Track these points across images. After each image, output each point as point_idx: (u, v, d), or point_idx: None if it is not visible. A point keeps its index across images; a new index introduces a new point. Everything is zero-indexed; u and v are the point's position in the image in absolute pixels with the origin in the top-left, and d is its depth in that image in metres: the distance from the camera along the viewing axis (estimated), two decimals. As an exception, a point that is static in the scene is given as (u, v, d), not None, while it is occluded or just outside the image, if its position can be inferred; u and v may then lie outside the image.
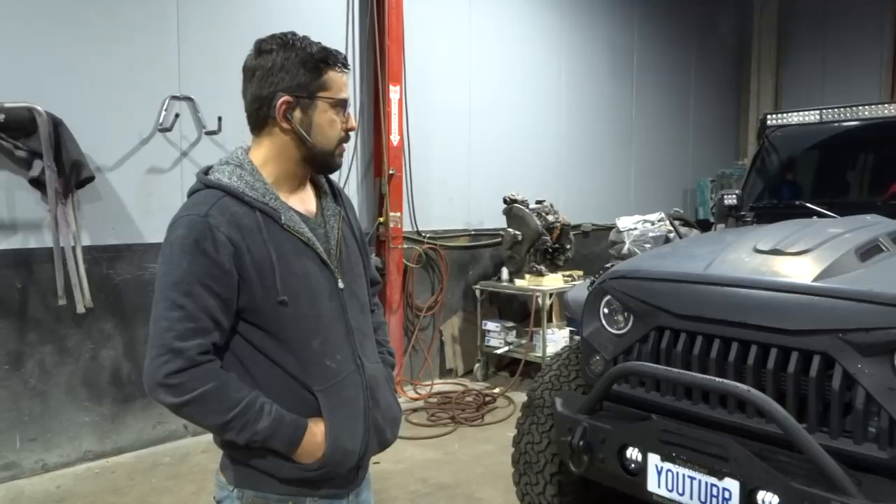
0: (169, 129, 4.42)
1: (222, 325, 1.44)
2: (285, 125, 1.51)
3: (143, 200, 4.38)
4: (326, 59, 1.51)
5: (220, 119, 4.56)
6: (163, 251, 1.46)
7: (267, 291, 1.45)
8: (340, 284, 1.57)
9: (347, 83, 1.57)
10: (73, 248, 3.95)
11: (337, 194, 1.71)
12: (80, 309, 3.98)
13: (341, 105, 1.54)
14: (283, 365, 1.49)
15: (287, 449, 1.46)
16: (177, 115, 4.46)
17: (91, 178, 4.00)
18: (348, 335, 1.58)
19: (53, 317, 4.02)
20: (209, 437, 4.98)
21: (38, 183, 3.85)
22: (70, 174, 3.89)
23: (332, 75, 1.52)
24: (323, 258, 1.54)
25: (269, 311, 1.46)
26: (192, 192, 1.54)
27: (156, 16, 4.37)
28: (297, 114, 1.51)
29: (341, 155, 1.59)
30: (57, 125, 3.85)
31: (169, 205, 4.47)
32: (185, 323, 1.39)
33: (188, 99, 4.52)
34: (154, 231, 4.41)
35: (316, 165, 1.58)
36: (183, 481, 3.94)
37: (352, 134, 1.61)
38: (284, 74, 1.50)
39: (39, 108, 3.78)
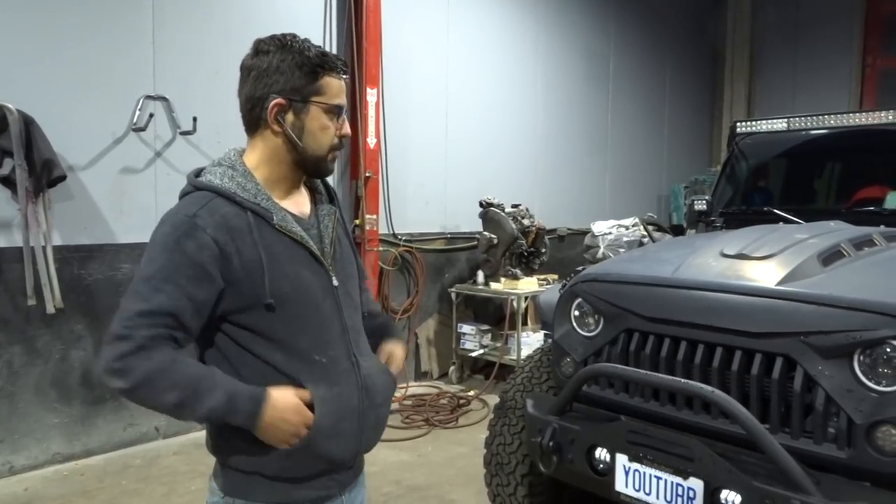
0: (143, 129, 4.39)
1: (186, 326, 1.41)
2: (276, 128, 1.52)
3: (116, 200, 4.34)
4: (324, 63, 1.50)
5: (195, 119, 4.54)
6: (148, 246, 1.46)
7: (255, 293, 1.44)
8: (335, 282, 1.57)
9: (344, 89, 1.55)
10: (44, 248, 3.91)
11: (333, 196, 1.71)
12: (51, 309, 3.94)
13: (335, 111, 1.53)
14: (271, 362, 1.47)
15: (250, 421, 1.41)
16: (151, 115, 4.43)
17: (63, 178, 3.95)
18: (343, 333, 1.57)
19: (23, 317, 3.97)
20: (180, 439, 4.94)
21: (8, 181, 3.80)
22: (41, 173, 3.84)
23: (329, 80, 1.51)
24: (316, 255, 1.53)
25: (256, 313, 1.45)
26: (182, 195, 1.53)
27: (131, 14, 4.34)
28: (290, 117, 1.51)
29: (334, 160, 1.58)
30: (28, 123, 3.81)
31: (142, 205, 4.44)
32: (143, 316, 1.36)
33: (163, 99, 4.49)
34: (127, 231, 4.37)
35: (307, 170, 1.57)
36: (153, 483, 3.91)
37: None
38: (279, 76, 1.50)
39: (10, 105, 3.74)
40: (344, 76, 1.54)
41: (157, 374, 1.36)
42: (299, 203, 1.60)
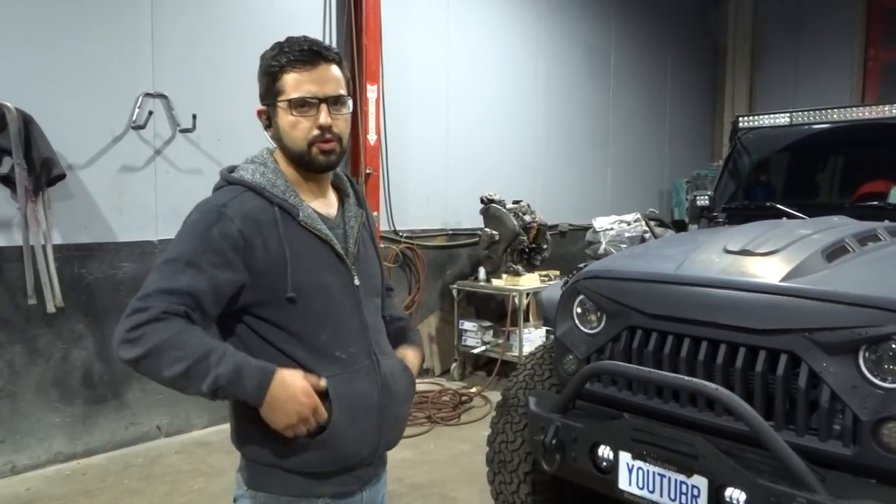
0: (142, 127, 4.38)
1: (205, 309, 1.43)
2: (269, 133, 1.59)
3: (116, 199, 4.33)
4: (280, 61, 1.51)
5: (194, 117, 4.52)
6: (176, 234, 1.50)
7: (277, 286, 1.47)
8: (356, 281, 1.59)
9: (309, 79, 1.51)
10: (44, 247, 3.90)
11: (362, 199, 1.74)
12: (51, 308, 3.93)
13: (298, 104, 1.51)
14: (291, 355, 1.50)
15: (256, 394, 1.39)
16: (150, 113, 4.41)
17: (62, 176, 3.94)
18: (363, 331, 1.59)
19: (23, 316, 3.96)
20: (182, 438, 4.94)
21: (7, 181, 3.79)
22: (40, 172, 3.83)
23: (287, 77, 1.51)
24: (339, 253, 1.56)
25: (277, 306, 1.48)
26: (216, 189, 1.58)
27: (129, 12, 4.32)
28: (272, 121, 1.56)
29: (326, 153, 1.54)
30: (27, 122, 3.80)
31: (142, 203, 4.43)
32: (162, 293, 1.39)
33: (162, 96, 4.48)
34: (127, 230, 4.36)
35: (300, 166, 1.57)
36: (155, 483, 3.91)
37: (338, 130, 1.55)
38: (259, 85, 1.58)
39: (9, 104, 3.72)
40: (310, 65, 1.51)
41: (168, 343, 1.36)
42: (326, 203, 1.63)
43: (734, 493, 2.05)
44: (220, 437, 4.59)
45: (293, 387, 1.42)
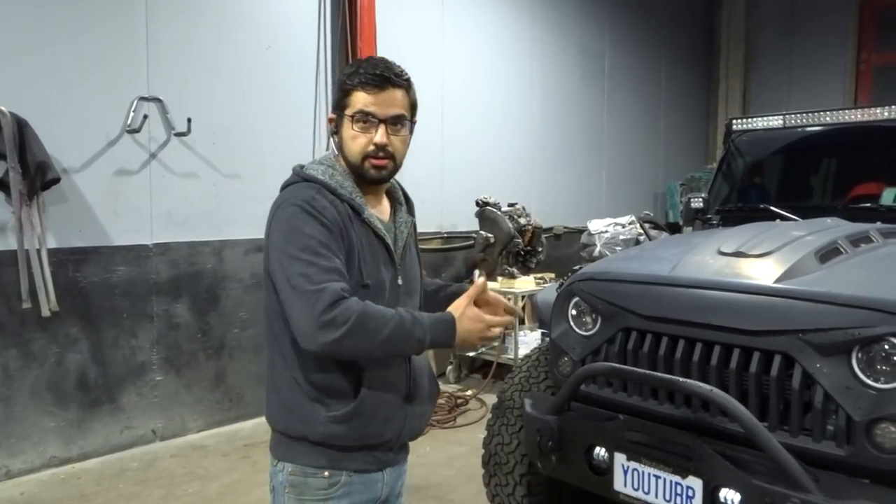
0: (137, 131, 4.37)
1: (348, 282, 1.55)
2: (334, 140, 1.74)
3: (111, 202, 4.32)
4: (353, 77, 1.65)
5: (189, 120, 4.52)
6: (277, 228, 1.59)
7: (353, 272, 1.60)
8: (399, 281, 1.73)
9: (377, 100, 1.64)
10: (38, 251, 3.89)
11: (412, 207, 1.89)
12: (46, 312, 3.92)
13: (361, 119, 1.64)
14: None
15: (449, 340, 1.59)
16: (145, 117, 4.41)
17: (57, 180, 3.93)
18: None
19: (18, 320, 3.95)
20: (177, 441, 4.92)
21: (1, 184, 3.78)
22: (35, 176, 3.82)
23: (357, 94, 1.64)
24: (391, 251, 1.71)
25: (350, 291, 1.57)
26: (287, 185, 1.70)
27: (124, 15, 4.32)
28: (339, 130, 1.70)
29: (377, 168, 1.67)
30: (22, 126, 3.79)
31: (137, 207, 4.42)
32: (324, 272, 1.51)
33: (157, 100, 4.47)
34: (121, 234, 4.35)
35: (356, 175, 1.69)
36: (151, 486, 3.90)
37: (393, 149, 1.68)
38: (333, 96, 1.77)
39: (3, 108, 3.72)
40: (378, 88, 1.64)
41: (364, 318, 1.49)
42: (381, 210, 1.77)
43: (729, 494, 2.06)
44: (215, 441, 4.59)
45: (467, 322, 1.61)
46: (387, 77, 1.66)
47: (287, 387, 1.63)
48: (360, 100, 1.64)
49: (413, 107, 1.74)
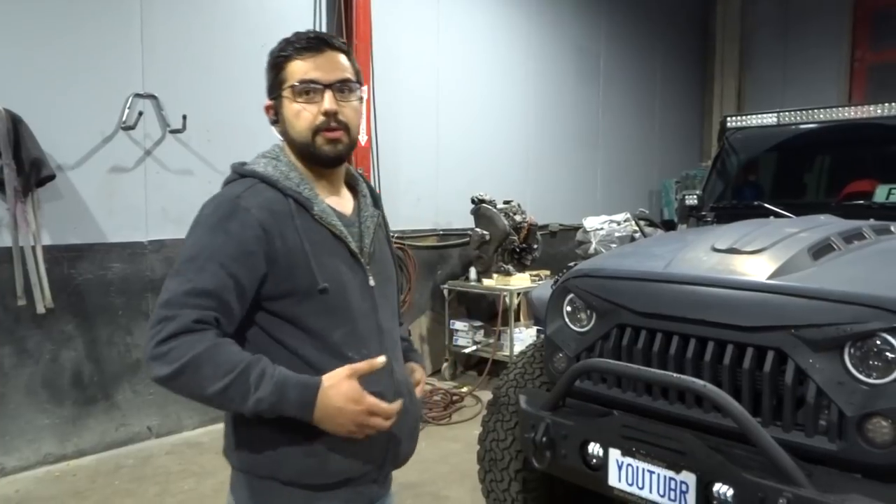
0: (132, 128, 4.37)
1: (230, 309, 1.37)
2: (277, 129, 1.54)
3: (106, 200, 4.32)
4: (285, 50, 1.48)
5: (184, 117, 4.52)
6: (189, 231, 1.44)
7: (297, 280, 1.40)
8: (371, 282, 1.54)
9: (315, 66, 1.46)
10: (33, 248, 3.89)
11: (377, 199, 1.68)
12: (41, 309, 3.92)
13: (303, 90, 1.45)
14: (301, 355, 1.42)
15: (302, 415, 1.34)
16: (140, 113, 4.40)
17: (51, 177, 3.93)
18: (379, 334, 1.53)
19: (12, 317, 3.94)
20: (172, 438, 4.92)
21: (-4, 181, 3.78)
22: (30, 172, 3.81)
23: (292, 64, 1.47)
24: (353, 252, 1.50)
25: (292, 300, 1.41)
26: (226, 183, 1.53)
27: (118, 11, 4.31)
28: (279, 115, 1.52)
29: (332, 142, 1.48)
30: (16, 122, 3.78)
31: (132, 204, 4.42)
32: (188, 296, 1.33)
33: (152, 97, 4.47)
34: (117, 230, 4.35)
35: (307, 160, 1.52)
36: (146, 483, 3.90)
37: (345, 118, 1.49)
38: (266, 81, 1.54)
39: (-2, 104, 3.71)
40: (315, 52, 1.47)
41: (203, 358, 1.29)
42: (341, 202, 1.58)
43: (722, 489, 2.07)
44: (210, 438, 4.58)
45: (337, 397, 1.34)
46: (322, 39, 1.49)
47: (253, 418, 1.37)
48: (299, 69, 1.46)
49: (358, 74, 1.54)
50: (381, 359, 1.41)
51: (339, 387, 1.35)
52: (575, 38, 7.97)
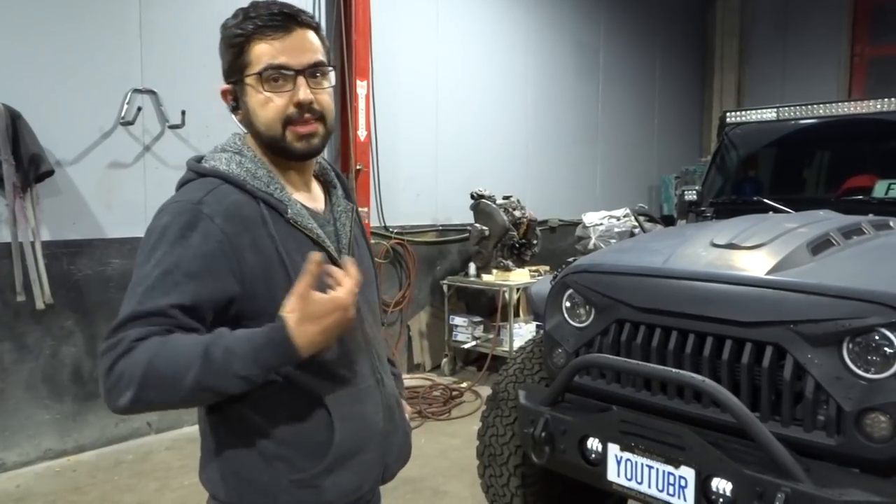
0: (131, 123, 4.36)
1: (186, 328, 1.19)
2: (237, 117, 1.36)
3: (105, 195, 4.31)
4: (246, 28, 1.28)
5: (183, 113, 4.51)
6: (142, 241, 1.25)
7: (276, 295, 1.20)
8: None
9: (292, 46, 1.28)
10: (32, 244, 3.89)
11: (349, 191, 1.52)
12: (40, 305, 3.92)
13: (272, 76, 1.27)
14: (285, 374, 1.24)
15: (290, 360, 1.17)
16: (139, 109, 4.39)
17: (50, 173, 3.93)
18: (367, 346, 1.40)
19: (12, 313, 3.94)
20: (172, 434, 4.92)
21: (-5, 177, 3.78)
22: (28, 168, 3.81)
23: (257, 46, 1.28)
24: (333, 256, 1.33)
25: (274, 316, 1.18)
26: (182, 184, 1.33)
27: (117, 6, 4.30)
28: (240, 101, 1.33)
29: (306, 137, 1.31)
30: (15, 118, 3.78)
31: (131, 200, 4.42)
32: (134, 320, 1.16)
33: (151, 92, 4.46)
34: (116, 226, 4.35)
35: (276, 153, 1.34)
36: (146, 479, 3.90)
37: (320, 107, 1.32)
38: (222, 61, 1.34)
39: (-4, 100, 3.71)
40: (283, 31, 1.28)
41: (154, 367, 1.12)
42: (311, 197, 1.41)
43: (720, 484, 2.08)
44: (210, 434, 4.59)
45: (304, 323, 1.15)
46: (290, 15, 1.28)
47: (238, 445, 1.27)
48: (264, 52, 1.27)
49: (328, 53, 1.35)
50: (316, 255, 1.16)
51: (305, 312, 1.15)
52: (574, 33, 7.95)
